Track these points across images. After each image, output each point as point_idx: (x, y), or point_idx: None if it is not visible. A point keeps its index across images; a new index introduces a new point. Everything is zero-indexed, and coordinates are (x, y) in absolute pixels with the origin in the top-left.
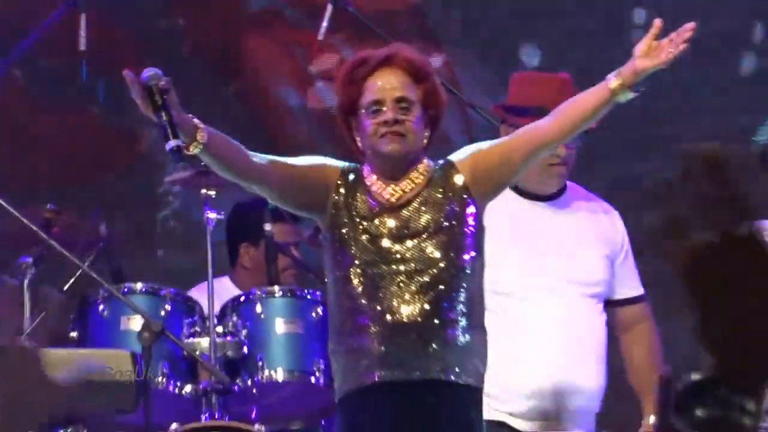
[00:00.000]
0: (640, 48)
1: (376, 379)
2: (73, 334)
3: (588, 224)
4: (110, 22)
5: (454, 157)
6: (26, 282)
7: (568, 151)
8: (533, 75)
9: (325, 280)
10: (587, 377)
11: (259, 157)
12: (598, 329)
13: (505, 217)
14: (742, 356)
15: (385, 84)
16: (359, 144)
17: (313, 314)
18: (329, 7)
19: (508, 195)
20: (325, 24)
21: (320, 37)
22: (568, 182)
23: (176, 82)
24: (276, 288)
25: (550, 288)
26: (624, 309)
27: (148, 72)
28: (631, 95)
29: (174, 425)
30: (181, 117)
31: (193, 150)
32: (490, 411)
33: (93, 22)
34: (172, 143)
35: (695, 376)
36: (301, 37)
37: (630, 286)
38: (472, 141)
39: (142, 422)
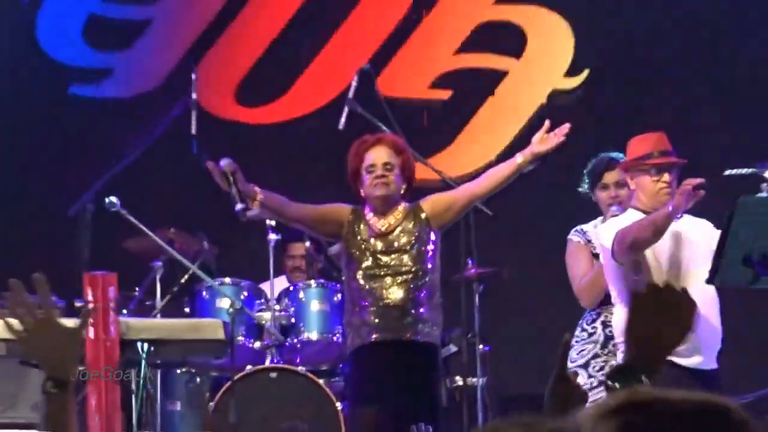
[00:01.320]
0: (536, 137)
1: (373, 339)
2: (187, 309)
3: (697, 230)
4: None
5: (422, 201)
6: (158, 277)
7: (671, 177)
8: (641, 136)
9: (342, 277)
10: (715, 328)
11: (299, 206)
12: (716, 299)
13: None
14: (646, 353)
15: (377, 154)
16: (362, 194)
17: (335, 298)
18: (345, 109)
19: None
20: (343, 120)
21: (340, 127)
22: None
23: None
24: (312, 281)
25: (689, 273)
26: None
27: (224, 161)
28: (531, 167)
29: (248, 367)
30: (246, 187)
31: (255, 207)
32: None
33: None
34: (239, 206)
35: (618, 362)
36: None
37: None
38: None
39: (229, 365)
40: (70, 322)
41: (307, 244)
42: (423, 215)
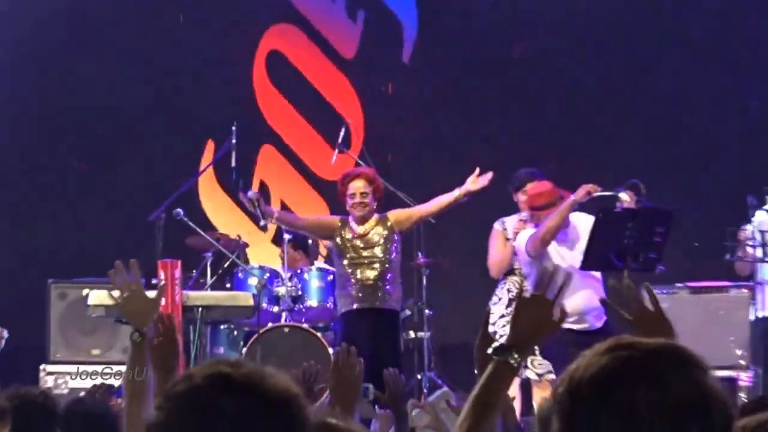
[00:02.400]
0: (470, 179)
1: (354, 307)
2: (228, 285)
3: (584, 224)
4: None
5: (389, 213)
6: (209, 263)
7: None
8: (538, 191)
9: (333, 264)
10: (595, 298)
11: (305, 219)
12: (598, 276)
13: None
14: (521, 340)
15: (356, 185)
16: (348, 209)
17: (328, 278)
18: (336, 152)
19: None
20: (334, 158)
21: (332, 163)
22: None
23: None
24: (314, 266)
25: (576, 258)
26: None
27: (250, 192)
28: (465, 199)
29: (269, 324)
30: (266, 209)
31: (271, 222)
32: None
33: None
34: (262, 223)
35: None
36: None
37: None
38: None
39: (256, 323)
40: (151, 294)
41: (310, 242)
42: (389, 223)
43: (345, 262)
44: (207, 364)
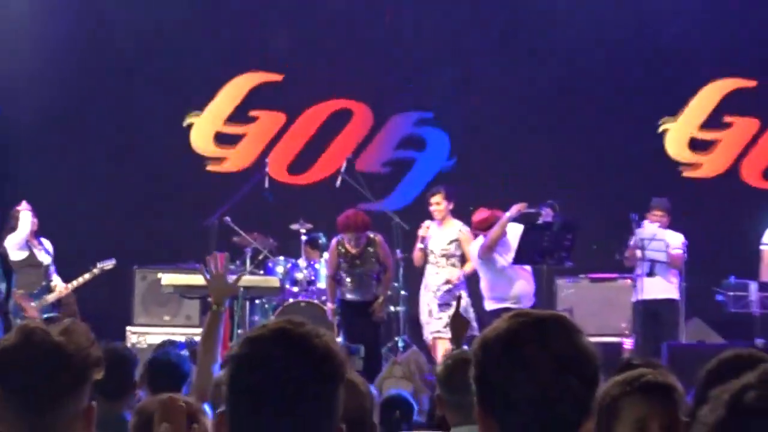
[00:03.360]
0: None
1: (349, 297)
2: (261, 272)
3: (510, 232)
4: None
5: (377, 239)
6: (248, 257)
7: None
8: (483, 218)
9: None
10: (528, 284)
11: (330, 272)
12: (529, 268)
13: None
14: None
15: (351, 235)
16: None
17: None
18: (339, 177)
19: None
20: (338, 183)
21: (337, 185)
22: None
23: None
24: (323, 259)
25: (510, 256)
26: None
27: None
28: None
29: (290, 300)
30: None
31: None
32: (497, 304)
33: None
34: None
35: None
36: None
37: None
38: None
39: (281, 299)
40: (232, 279)
41: (321, 241)
42: (376, 245)
43: (343, 266)
44: (281, 320)
